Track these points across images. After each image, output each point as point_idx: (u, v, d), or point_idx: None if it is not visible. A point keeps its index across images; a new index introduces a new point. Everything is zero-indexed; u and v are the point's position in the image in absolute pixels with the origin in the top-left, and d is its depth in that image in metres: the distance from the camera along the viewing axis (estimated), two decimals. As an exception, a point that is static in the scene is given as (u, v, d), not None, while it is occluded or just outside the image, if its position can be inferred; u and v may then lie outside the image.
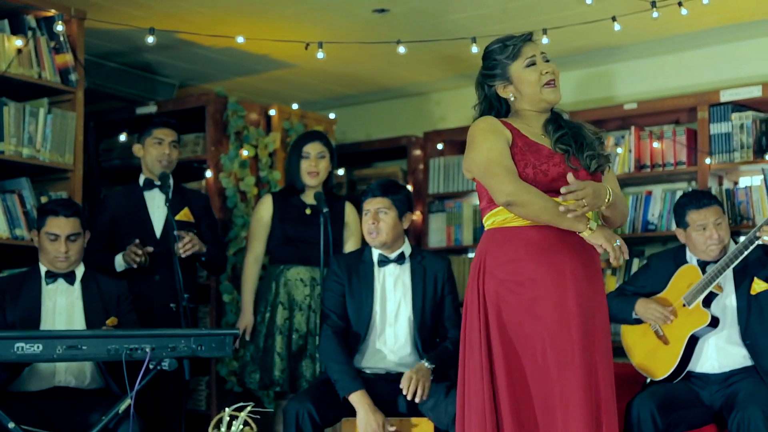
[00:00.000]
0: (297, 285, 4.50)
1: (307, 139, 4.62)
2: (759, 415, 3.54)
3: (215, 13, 4.82)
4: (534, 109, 3.09)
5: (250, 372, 4.51)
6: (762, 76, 5.12)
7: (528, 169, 2.96)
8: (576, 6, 4.59)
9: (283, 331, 4.46)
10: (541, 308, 2.93)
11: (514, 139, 3.01)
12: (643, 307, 3.98)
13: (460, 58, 5.45)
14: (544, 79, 3.04)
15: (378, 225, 3.92)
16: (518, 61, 3.06)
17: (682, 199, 4.08)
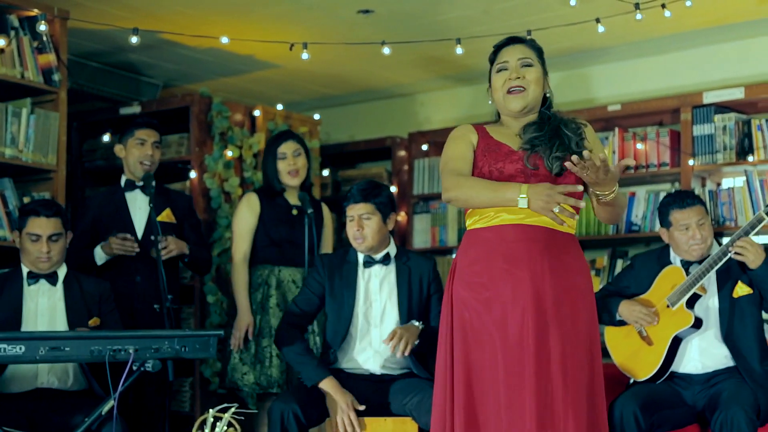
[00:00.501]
0: (290, 287, 4.50)
1: (280, 139, 4.60)
2: (742, 416, 3.55)
3: (199, 14, 4.80)
4: (506, 114, 3.12)
5: (242, 374, 4.49)
6: (744, 78, 5.16)
7: (485, 168, 3.00)
8: (560, 8, 4.61)
9: None
10: (497, 311, 2.95)
11: (479, 142, 3.07)
12: (626, 309, 3.99)
13: (445, 59, 5.46)
14: (507, 86, 3.05)
15: (363, 231, 3.92)
16: (495, 65, 3.11)
17: (666, 199, 4.10)
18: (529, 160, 2.99)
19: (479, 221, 3.04)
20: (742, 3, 4.63)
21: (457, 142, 3.09)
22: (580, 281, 3.04)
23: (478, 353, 2.97)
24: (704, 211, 4.00)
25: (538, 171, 2.98)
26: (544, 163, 2.99)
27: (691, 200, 3.99)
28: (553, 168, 2.98)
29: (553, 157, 2.99)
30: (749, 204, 4.85)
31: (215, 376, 5.10)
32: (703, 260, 3.96)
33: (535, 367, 2.88)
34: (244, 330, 4.50)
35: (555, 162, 2.98)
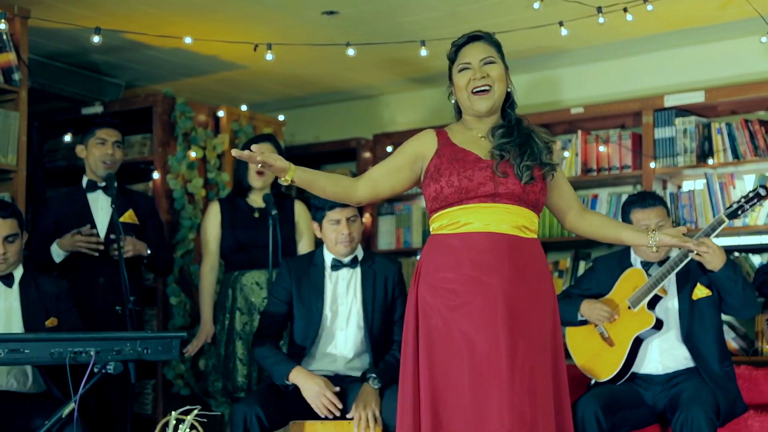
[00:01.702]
0: (253, 289, 4.49)
1: (256, 141, 4.61)
2: (702, 416, 3.59)
3: (163, 14, 4.77)
4: (470, 114, 3.11)
5: (213, 381, 4.49)
6: (705, 82, 5.22)
7: (453, 177, 3.00)
8: (523, 10, 4.64)
9: (243, 337, 4.44)
10: (465, 318, 2.95)
11: (440, 150, 3.06)
12: (587, 307, 4.02)
13: (410, 61, 5.47)
14: (472, 86, 3.04)
15: (352, 234, 3.92)
16: (456, 64, 3.09)
17: (629, 198, 4.15)
18: (498, 167, 3.01)
19: (446, 227, 3.04)
20: (702, 8, 4.69)
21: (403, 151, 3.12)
22: (544, 286, 3.07)
23: (444, 360, 2.97)
24: (665, 213, 4.04)
25: (507, 179, 3.00)
26: (514, 171, 3.01)
27: (652, 201, 4.03)
28: (522, 177, 3.00)
29: (523, 165, 3.00)
30: (709, 206, 4.91)
31: (178, 378, 5.07)
32: (663, 262, 4.00)
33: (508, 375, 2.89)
34: (203, 340, 4.53)
35: (525, 171, 3.00)
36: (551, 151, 3.09)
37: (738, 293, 3.84)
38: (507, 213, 2.99)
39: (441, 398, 2.96)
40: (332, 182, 3.07)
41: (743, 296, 3.85)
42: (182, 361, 5.00)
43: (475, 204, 2.99)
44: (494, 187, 2.98)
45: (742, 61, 5.16)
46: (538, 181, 3.03)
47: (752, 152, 4.81)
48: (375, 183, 3.10)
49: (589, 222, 3.20)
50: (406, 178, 3.12)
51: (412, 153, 3.11)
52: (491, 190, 2.97)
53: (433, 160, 3.06)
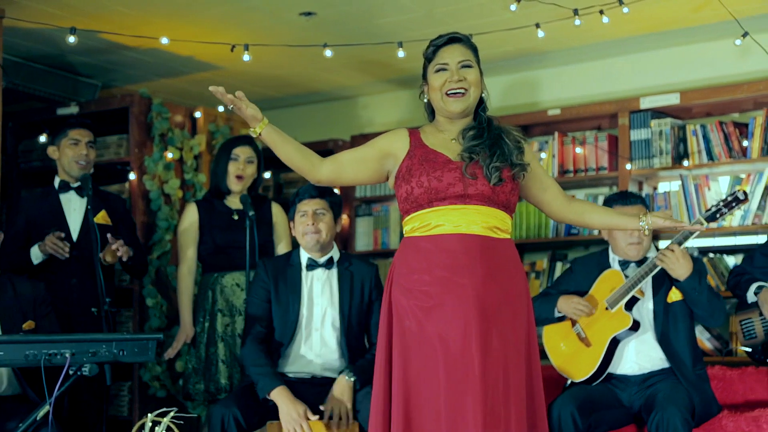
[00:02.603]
0: (234, 290, 4.47)
1: (237, 142, 4.60)
2: (677, 416, 3.62)
3: (139, 14, 4.75)
4: (442, 115, 3.12)
5: (194, 383, 4.46)
6: (680, 84, 5.25)
7: (423, 178, 3.01)
8: (500, 12, 4.65)
9: (225, 338, 4.42)
10: (438, 319, 2.96)
11: (412, 151, 3.07)
12: (564, 302, 4.03)
13: (387, 63, 5.48)
14: (447, 87, 3.05)
15: (317, 225, 3.91)
16: (432, 64, 3.09)
17: (610, 196, 4.20)
18: (467, 169, 3.01)
19: (418, 229, 3.05)
20: (677, 10, 4.72)
21: (374, 145, 3.13)
22: (518, 286, 3.07)
23: (418, 362, 2.97)
24: (645, 211, 4.06)
25: (476, 181, 3.01)
26: (483, 172, 3.02)
27: (634, 199, 4.08)
28: (491, 178, 3.01)
29: (492, 167, 3.01)
30: (684, 208, 4.94)
31: (154, 379, 5.04)
32: (640, 262, 4.03)
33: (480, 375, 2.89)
34: (182, 343, 4.52)
35: (494, 172, 3.01)
36: (522, 151, 3.10)
37: (703, 304, 3.88)
38: (477, 214, 3.00)
39: (414, 400, 2.96)
40: (299, 152, 3.04)
41: (708, 306, 3.89)
42: (158, 363, 4.97)
43: (445, 206, 3.00)
44: (463, 188, 2.99)
45: (717, 64, 5.20)
46: (507, 182, 3.04)
47: (726, 154, 4.85)
48: (340, 166, 3.10)
49: (577, 210, 3.20)
50: (372, 171, 3.13)
51: (383, 149, 3.12)
52: (460, 191, 2.99)
53: (405, 161, 3.07)
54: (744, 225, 4.77)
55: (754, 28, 4.65)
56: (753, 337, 4.16)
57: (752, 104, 4.98)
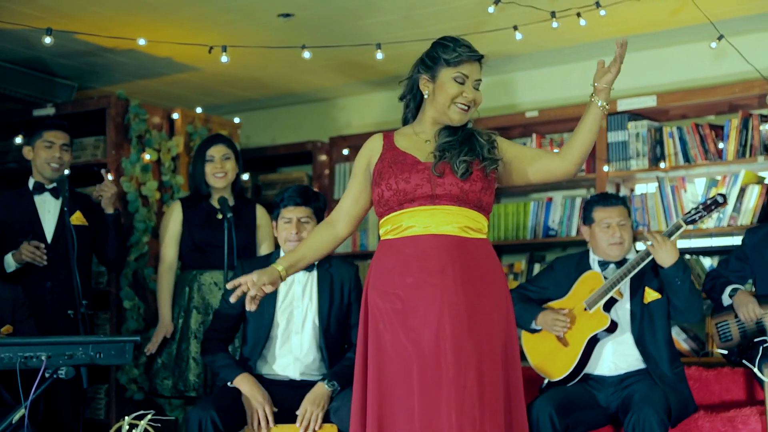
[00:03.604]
0: (212, 289, 4.47)
1: (210, 143, 4.60)
2: (654, 417, 3.64)
3: (116, 15, 4.72)
4: (436, 117, 3.12)
5: (162, 378, 4.44)
6: (657, 86, 5.29)
7: (392, 180, 3.04)
8: (478, 14, 4.66)
9: (198, 336, 4.41)
10: (411, 321, 2.96)
11: (383, 154, 3.10)
12: (545, 320, 4.04)
13: (365, 64, 5.48)
14: (460, 100, 3.07)
15: (301, 234, 3.91)
16: (452, 70, 3.08)
17: (591, 197, 4.22)
18: (436, 168, 3.02)
19: (391, 231, 3.06)
20: (654, 13, 4.75)
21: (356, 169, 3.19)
22: (494, 285, 3.07)
23: (392, 365, 2.97)
24: (626, 213, 4.11)
25: (444, 180, 3.01)
26: (452, 166, 3.02)
27: (615, 200, 4.11)
28: (458, 170, 3.01)
29: (460, 160, 3.02)
30: (661, 210, 4.97)
31: (131, 382, 5.02)
32: (620, 263, 4.05)
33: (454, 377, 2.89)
34: (162, 337, 4.49)
35: (461, 165, 3.02)
36: (494, 146, 3.11)
37: (684, 294, 3.90)
38: (448, 214, 3.01)
39: (388, 403, 2.96)
40: (317, 246, 3.19)
41: (688, 299, 3.91)
42: (136, 366, 4.94)
43: (414, 207, 3.01)
44: (431, 189, 3.00)
45: (693, 67, 5.24)
46: (477, 179, 3.03)
47: (703, 156, 4.89)
48: (350, 215, 3.19)
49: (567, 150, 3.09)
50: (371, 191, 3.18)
51: (364, 167, 3.16)
52: (428, 191, 3.00)
53: (377, 165, 3.10)
54: (720, 227, 4.81)
55: (729, 31, 4.69)
56: (729, 340, 4.19)
57: (728, 107, 5.03)
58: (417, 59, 3.17)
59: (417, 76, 3.13)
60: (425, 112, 3.15)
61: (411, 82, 3.16)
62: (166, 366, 4.46)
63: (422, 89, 3.12)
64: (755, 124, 4.76)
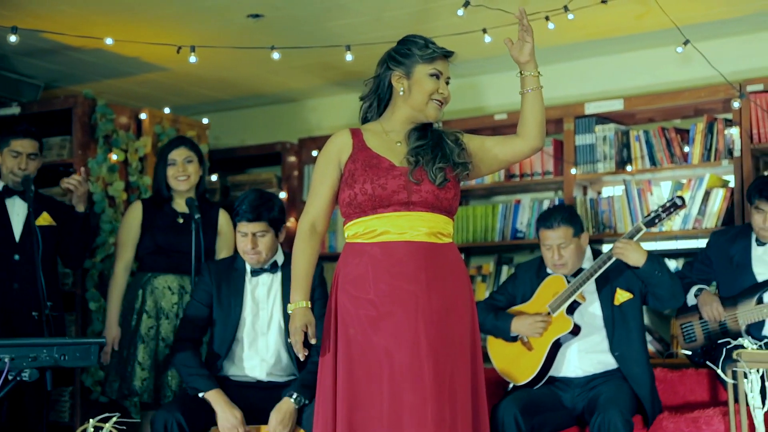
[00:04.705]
0: (164, 293, 4.43)
1: (171, 146, 4.55)
2: (618, 418, 3.67)
3: (83, 13, 4.68)
4: (409, 114, 3.12)
5: (111, 381, 4.41)
6: (624, 90, 5.33)
7: (367, 185, 3.01)
8: (448, 17, 4.68)
9: (147, 340, 4.37)
10: (384, 327, 2.96)
11: (354, 153, 3.07)
12: (519, 324, 4.05)
13: (335, 66, 5.48)
14: (436, 96, 3.09)
15: (256, 248, 3.89)
16: (427, 65, 3.09)
17: (542, 214, 4.19)
18: (413, 174, 3.03)
19: (362, 235, 3.04)
20: (622, 18, 4.79)
21: (324, 163, 3.11)
22: (462, 290, 3.09)
23: (363, 372, 2.97)
24: (570, 233, 4.08)
25: (420, 188, 3.02)
26: (428, 174, 3.03)
27: (557, 222, 4.06)
28: (436, 179, 3.03)
29: (436, 168, 3.03)
30: (628, 212, 5.02)
31: (97, 384, 4.98)
32: (576, 273, 4.09)
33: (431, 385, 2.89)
34: (111, 343, 4.45)
35: (438, 173, 3.03)
36: (462, 148, 3.13)
37: (666, 283, 3.95)
38: (421, 220, 3.01)
39: (358, 409, 2.96)
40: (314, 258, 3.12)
41: (671, 285, 3.97)
42: (101, 368, 4.90)
43: (389, 213, 3.00)
44: (408, 196, 3.00)
45: (659, 71, 5.29)
46: (451, 186, 3.06)
47: (668, 159, 4.93)
48: (326, 214, 3.13)
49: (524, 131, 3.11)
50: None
51: (335, 163, 3.10)
52: (405, 198, 3.00)
53: (348, 164, 3.07)
54: (685, 229, 4.86)
55: (695, 36, 4.74)
56: (693, 341, 4.24)
57: (693, 111, 5.08)
58: (383, 57, 3.15)
59: (387, 73, 3.11)
60: (396, 110, 3.14)
61: (379, 80, 3.14)
62: (116, 369, 4.42)
63: (395, 86, 3.11)
64: (720, 129, 4.81)
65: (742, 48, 5.08)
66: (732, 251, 4.20)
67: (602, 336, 4.05)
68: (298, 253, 3.08)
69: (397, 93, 3.11)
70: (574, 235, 4.07)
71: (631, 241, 3.97)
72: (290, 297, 3.05)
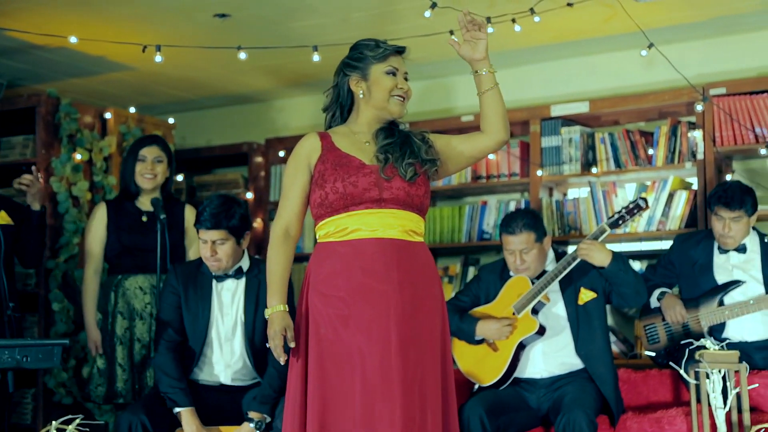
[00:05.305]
0: (136, 294, 4.40)
1: (144, 143, 4.54)
2: (583, 419, 3.70)
3: (48, 11, 4.63)
4: (374, 115, 3.14)
5: (96, 386, 4.37)
6: (589, 93, 5.37)
7: (338, 183, 3.02)
8: (415, 18, 4.69)
9: (124, 342, 4.34)
10: (355, 325, 2.96)
11: (324, 155, 3.08)
12: (485, 327, 4.07)
13: (302, 67, 5.46)
14: (396, 92, 3.12)
15: (216, 256, 3.86)
16: (382, 64, 3.12)
17: (503, 220, 4.19)
18: (384, 171, 3.04)
19: (333, 234, 3.04)
20: (587, 21, 4.82)
21: (294, 166, 3.11)
22: (433, 288, 3.10)
23: (335, 371, 2.96)
24: (533, 238, 4.10)
25: (392, 184, 3.03)
26: (399, 170, 3.05)
27: (519, 228, 4.08)
28: (407, 174, 3.05)
29: (406, 163, 3.06)
30: (593, 214, 5.05)
31: (60, 386, 4.93)
32: (539, 275, 4.11)
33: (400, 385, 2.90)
34: (93, 346, 4.44)
35: (409, 168, 3.06)
36: (430, 146, 3.15)
37: (630, 281, 3.99)
38: (393, 217, 3.02)
39: (330, 409, 2.95)
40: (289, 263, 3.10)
41: (635, 283, 4.00)
42: (64, 370, 4.86)
43: (361, 210, 3.01)
44: (379, 193, 3.02)
45: (625, 74, 5.33)
46: (421, 183, 3.08)
47: (633, 162, 4.98)
48: (299, 217, 3.12)
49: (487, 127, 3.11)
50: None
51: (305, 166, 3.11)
52: (376, 195, 3.01)
53: (318, 165, 3.08)
54: (649, 231, 4.91)
55: (659, 39, 4.79)
56: (656, 342, 4.28)
57: (657, 114, 5.13)
58: (338, 66, 3.20)
59: (345, 79, 3.16)
60: (360, 114, 3.17)
61: (338, 89, 3.18)
62: (101, 373, 4.38)
63: (355, 90, 3.14)
64: (683, 131, 4.86)
65: (705, 52, 5.14)
66: (695, 256, 4.25)
67: (567, 336, 4.07)
68: (272, 258, 3.06)
69: (358, 97, 3.14)
70: (537, 240, 4.09)
71: (596, 241, 4.00)
72: (267, 302, 3.04)
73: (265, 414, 3.75)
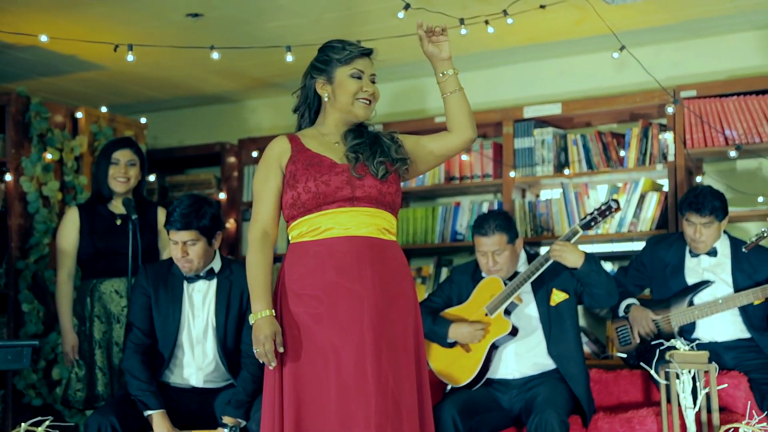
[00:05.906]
0: (112, 297, 4.36)
1: (117, 145, 4.50)
2: (555, 419, 3.71)
3: (18, 10, 4.59)
4: (340, 117, 3.15)
5: (75, 390, 4.32)
6: (562, 95, 5.40)
7: (310, 183, 3.03)
8: (389, 19, 4.69)
9: (103, 345, 4.31)
10: (329, 323, 2.96)
11: (294, 156, 3.09)
12: (457, 330, 4.07)
13: (275, 67, 5.45)
14: (361, 95, 3.12)
15: (187, 257, 3.84)
16: (347, 67, 3.12)
17: (476, 221, 4.20)
18: (355, 169, 3.05)
19: (306, 234, 3.05)
20: (560, 23, 4.85)
21: (265, 169, 3.11)
22: (406, 288, 3.11)
23: (309, 369, 2.96)
24: (505, 240, 4.11)
25: (364, 182, 3.04)
26: (370, 169, 3.06)
27: (492, 230, 4.08)
28: (378, 172, 3.06)
29: (377, 162, 3.07)
30: (565, 215, 5.08)
31: (29, 388, 4.88)
32: (512, 276, 4.13)
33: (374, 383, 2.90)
34: (71, 350, 4.39)
35: (380, 167, 3.07)
36: (400, 145, 3.17)
37: (603, 282, 4.01)
38: (366, 216, 3.03)
39: (305, 408, 2.95)
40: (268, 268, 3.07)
41: (607, 284, 4.03)
42: (34, 371, 4.81)
43: (334, 209, 3.02)
44: (351, 191, 3.03)
45: (597, 76, 5.37)
46: (393, 181, 3.10)
47: (605, 163, 5.01)
48: (275, 219, 3.11)
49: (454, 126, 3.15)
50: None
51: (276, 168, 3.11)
52: (349, 194, 3.02)
53: (288, 166, 3.08)
54: (620, 232, 4.94)
55: (631, 42, 4.82)
56: (628, 343, 4.31)
57: (629, 116, 5.17)
58: (306, 68, 3.20)
59: (312, 82, 3.16)
60: (327, 116, 3.18)
61: (306, 91, 3.19)
62: (79, 377, 4.34)
63: (320, 93, 3.15)
64: (654, 133, 4.90)
65: (676, 54, 5.19)
66: (667, 259, 4.28)
67: (539, 337, 4.09)
68: (253, 262, 3.04)
69: (324, 100, 3.15)
70: (509, 241, 4.10)
71: (569, 243, 4.03)
72: (251, 307, 3.02)
73: (239, 418, 3.73)
